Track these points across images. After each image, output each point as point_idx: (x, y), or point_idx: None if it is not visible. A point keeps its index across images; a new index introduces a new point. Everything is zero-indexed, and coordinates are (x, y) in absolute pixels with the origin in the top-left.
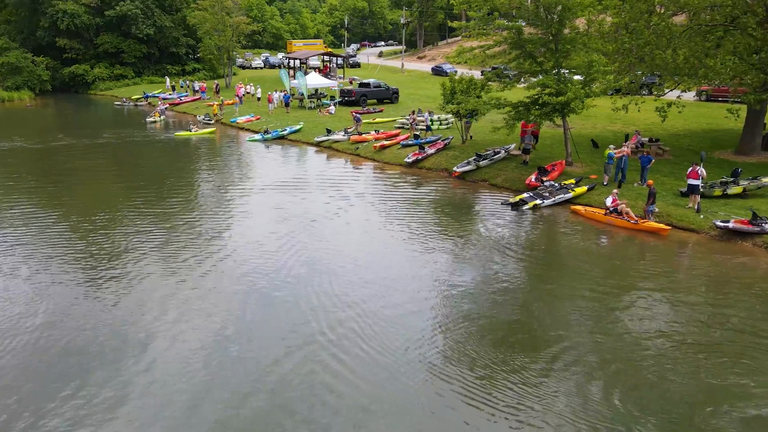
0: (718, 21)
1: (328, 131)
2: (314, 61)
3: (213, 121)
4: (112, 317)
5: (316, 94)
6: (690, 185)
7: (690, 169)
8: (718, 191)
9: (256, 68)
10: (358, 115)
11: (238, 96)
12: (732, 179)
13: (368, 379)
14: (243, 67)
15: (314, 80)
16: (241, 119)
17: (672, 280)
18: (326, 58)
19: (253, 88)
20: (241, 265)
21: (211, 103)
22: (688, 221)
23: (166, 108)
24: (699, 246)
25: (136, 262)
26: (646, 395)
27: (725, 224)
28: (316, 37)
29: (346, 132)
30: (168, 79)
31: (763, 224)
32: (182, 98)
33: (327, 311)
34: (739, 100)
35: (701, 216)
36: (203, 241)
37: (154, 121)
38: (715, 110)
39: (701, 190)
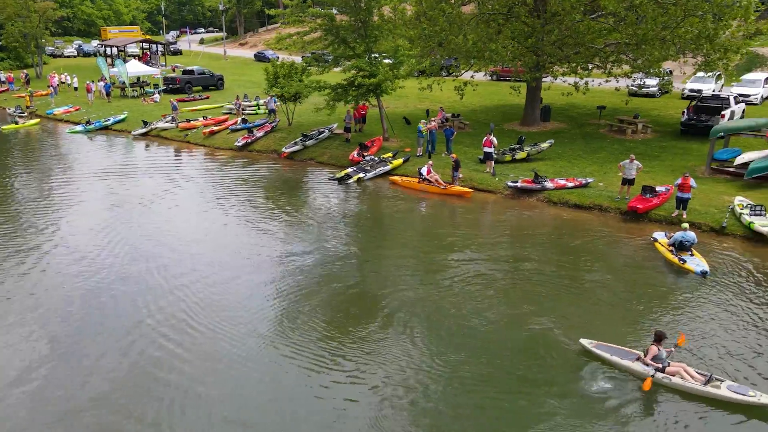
0: (499, 10)
1: (145, 123)
2: (133, 49)
3: (26, 114)
4: None
5: (139, 83)
6: (485, 153)
7: (484, 139)
8: (508, 157)
9: (69, 57)
10: (175, 103)
11: (52, 86)
12: (518, 146)
13: (206, 355)
14: (54, 55)
15: (135, 68)
16: (58, 110)
17: (479, 233)
18: (145, 45)
19: (69, 77)
20: (69, 255)
21: (22, 95)
22: (486, 184)
23: None
24: (496, 204)
25: None
26: (466, 330)
27: (515, 184)
28: (132, 23)
29: (165, 120)
30: None
31: (543, 182)
32: None
33: (161, 294)
34: (519, 79)
35: (496, 178)
36: (27, 234)
37: None
38: (503, 88)
39: (495, 156)
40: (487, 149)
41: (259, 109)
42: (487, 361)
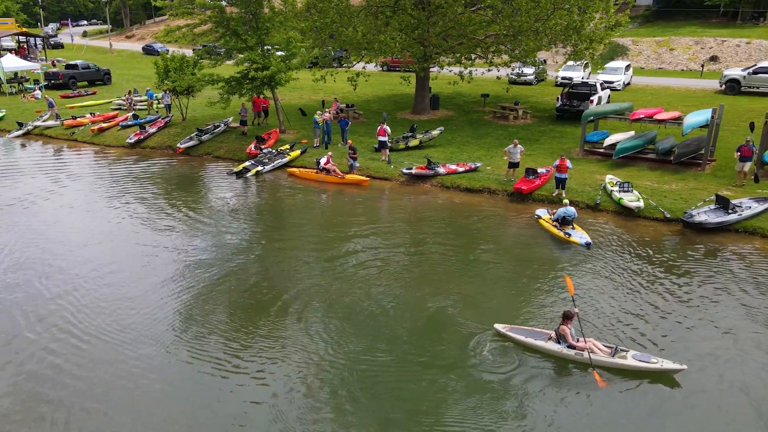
0: (386, 3)
1: (20, 125)
2: (8, 42)
3: None
4: None
5: (17, 78)
6: (380, 141)
7: (378, 128)
8: (401, 145)
9: None
10: (51, 100)
11: None
12: (411, 134)
13: (94, 366)
14: None
15: (11, 63)
16: None
17: (377, 220)
18: (22, 38)
19: None
20: None
21: None
22: (382, 172)
23: None
24: (393, 191)
25: None
26: (368, 317)
27: (409, 171)
28: (6, 15)
29: (41, 118)
30: None
31: (436, 168)
32: None
33: (42, 303)
34: (409, 69)
35: (392, 166)
36: None
37: None
38: (394, 78)
39: (389, 144)
40: (381, 138)
41: (159, 103)
42: (389, 348)
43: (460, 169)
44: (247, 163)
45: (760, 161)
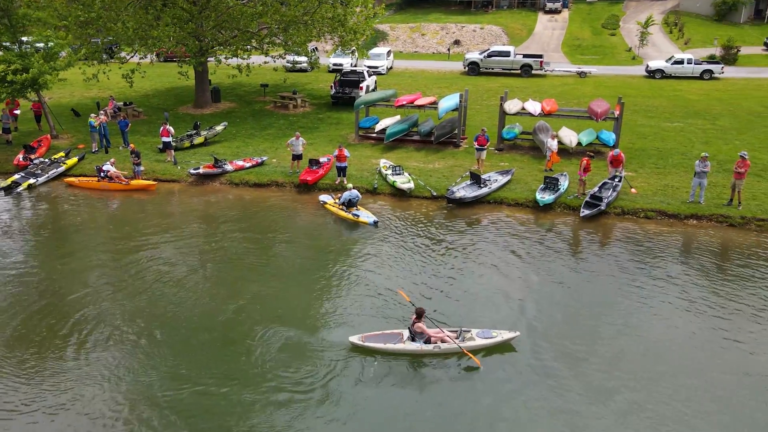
0: None
1: None
2: None
3: None
4: None
5: None
6: (164, 142)
7: (161, 129)
8: (186, 143)
9: None
10: None
11: None
12: (195, 131)
13: None
14: None
15: None
16: None
17: (169, 225)
18: None
19: None
20: None
21: None
22: (170, 174)
23: None
24: (182, 193)
25: None
26: (168, 331)
27: (197, 171)
28: None
29: None
30: None
31: (224, 165)
32: None
33: None
34: (185, 60)
35: (178, 167)
36: None
37: None
38: (172, 69)
39: (173, 144)
40: (165, 139)
41: None
42: (189, 361)
43: (247, 165)
44: (16, 177)
45: (500, 137)
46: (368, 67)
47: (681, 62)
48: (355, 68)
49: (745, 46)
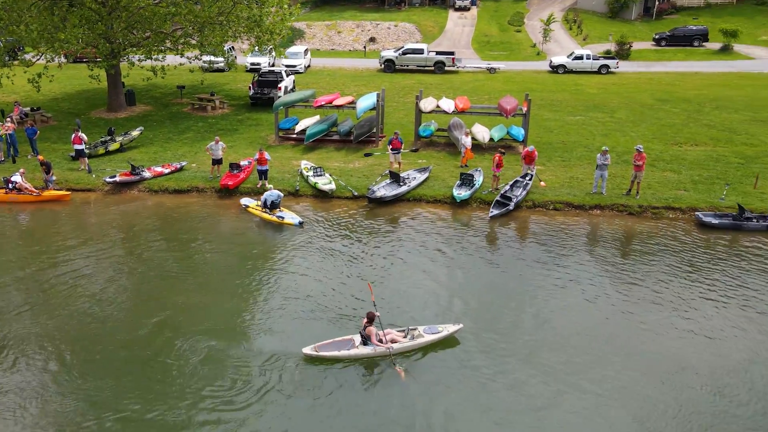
0: None
1: None
2: None
3: None
4: None
5: None
6: (76, 150)
7: (73, 136)
8: (101, 150)
9: None
10: None
11: None
12: (109, 137)
13: None
14: None
15: None
16: None
17: (85, 237)
18: None
19: None
20: None
21: None
22: (84, 183)
23: None
24: (98, 202)
25: None
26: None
27: (113, 179)
28: None
29: None
30: None
31: (141, 172)
32: None
33: None
34: (95, 61)
35: (93, 175)
36: None
37: None
38: (84, 71)
39: (87, 152)
40: (77, 146)
41: None
42: (111, 385)
43: (167, 171)
44: None
45: (417, 135)
46: (286, 66)
47: (581, 58)
48: (273, 68)
49: (636, 42)
